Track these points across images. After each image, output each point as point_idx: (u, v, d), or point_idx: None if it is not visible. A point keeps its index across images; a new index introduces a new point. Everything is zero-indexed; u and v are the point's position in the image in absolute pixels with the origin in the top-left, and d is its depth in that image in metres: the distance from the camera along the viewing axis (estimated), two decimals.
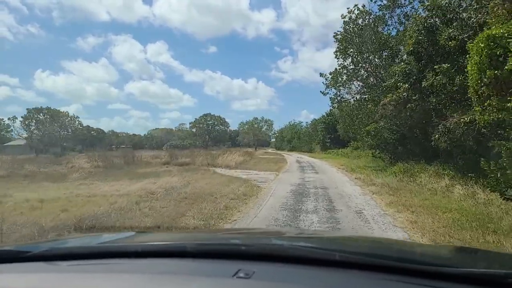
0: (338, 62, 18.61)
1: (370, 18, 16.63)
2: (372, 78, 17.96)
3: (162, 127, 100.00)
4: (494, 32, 6.54)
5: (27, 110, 60.88)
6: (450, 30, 10.26)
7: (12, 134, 66.76)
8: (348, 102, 19.32)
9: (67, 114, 63.41)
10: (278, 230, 4.82)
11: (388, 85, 13.08)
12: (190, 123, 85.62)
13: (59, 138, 62.31)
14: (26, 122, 57.78)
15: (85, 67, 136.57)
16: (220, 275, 0.98)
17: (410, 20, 13.14)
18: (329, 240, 1.91)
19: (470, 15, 9.78)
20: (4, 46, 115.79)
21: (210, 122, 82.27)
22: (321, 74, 19.83)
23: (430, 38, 10.84)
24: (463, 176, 9.91)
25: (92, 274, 1.06)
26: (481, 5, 9.30)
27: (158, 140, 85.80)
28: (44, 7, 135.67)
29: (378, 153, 19.23)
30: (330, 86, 19.48)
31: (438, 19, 10.64)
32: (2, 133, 67.14)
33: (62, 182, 12.10)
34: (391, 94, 13.52)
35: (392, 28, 16.67)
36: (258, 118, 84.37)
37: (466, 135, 8.68)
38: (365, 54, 17.41)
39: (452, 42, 10.29)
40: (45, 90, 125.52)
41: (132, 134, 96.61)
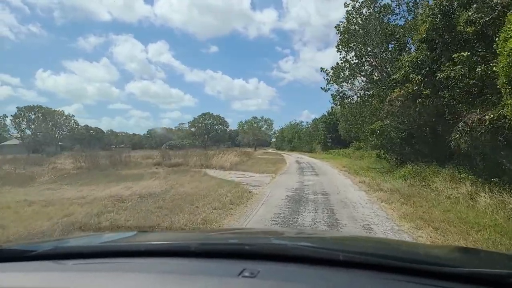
0: (340, 55, 17.29)
1: (376, 6, 15.23)
2: (377, 73, 16.60)
3: (162, 127, 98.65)
4: None
5: (17, 108, 57.68)
6: (470, 13, 8.93)
7: (9, 134, 65.24)
8: (351, 98, 17.96)
9: (62, 113, 61.44)
10: (281, 229, 4.83)
11: (396, 78, 11.73)
12: (189, 123, 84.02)
13: (55, 137, 60.88)
14: (17, 121, 55.67)
15: (86, 67, 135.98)
16: (225, 275, 0.97)
17: (422, 5, 11.78)
18: (332, 239, 1.90)
19: None
20: (5, 45, 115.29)
21: (209, 121, 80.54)
22: (321, 69, 18.51)
23: (447, 23, 9.50)
24: (486, 181, 8.58)
25: (97, 273, 1.06)
26: None
27: (158, 140, 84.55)
28: (45, 7, 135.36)
29: (383, 153, 17.93)
30: (331, 82, 18.15)
31: (456, 1, 9.28)
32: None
33: (27, 186, 10.83)
34: (399, 88, 12.24)
35: (399, 17, 15.33)
36: (257, 118, 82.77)
37: (493, 134, 7.35)
38: (369, 47, 16.05)
39: (471, 27, 8.97)
40: (46, 89, 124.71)
41: (132, 134, 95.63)
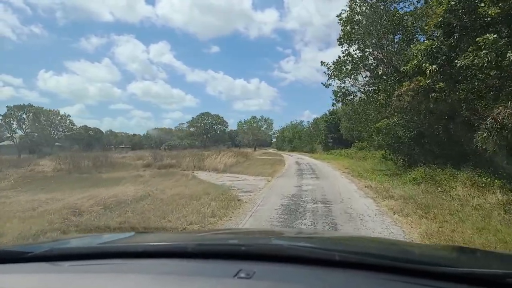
0: (342, 48, 15.91)
1: None
2: (382, 67, 15.23)
3: (162, 127, 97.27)
4: None
5: (7, 107, 54.91)
6: None
7: (6, 134, 63.60)
8: (354, 95, 16.57)
9: (58, 112, 60.06)
10: (278, 230, 4.75)
11: (406, 70, 10.37)
12: (187, 122, 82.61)
13: (51, 137, 59.56)
14: (7, 121, 54.03)
15: (88, 67, 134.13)
16: (221, 276, 0.97)
17: None
18: (328, 240, 1.90)
19: None
20: (7, 46, 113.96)
21: (208, 121, 79.12)
22: (322, 63, 17.10)
23: (467, 2, 8.16)
24: None
25: (94, 274, 1.05)
26: None
27: (158, 140, 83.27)
28: (47, 8, 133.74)
29: (389, 154, 16.57)
30: (333, 77, 16.74)
31: None
32: None
33: None
34: (409, 82, 10.88)
35: (408, 4, 13.95)
36: (257, 117, 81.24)
37: None
38: (374, 38, 14.67)
39: (495, 8, 7.64)
40: (48, 90, 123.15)
41: (132, 134, 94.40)
